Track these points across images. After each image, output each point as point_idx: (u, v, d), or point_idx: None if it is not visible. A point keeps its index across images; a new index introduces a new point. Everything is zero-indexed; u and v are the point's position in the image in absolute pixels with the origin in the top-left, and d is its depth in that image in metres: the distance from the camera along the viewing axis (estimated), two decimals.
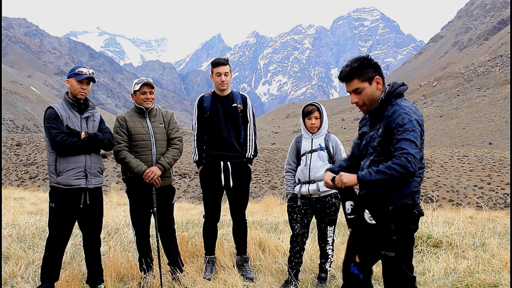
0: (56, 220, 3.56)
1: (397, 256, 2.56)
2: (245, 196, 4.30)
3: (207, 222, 4.32)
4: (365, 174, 2.49)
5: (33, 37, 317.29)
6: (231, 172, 4.15)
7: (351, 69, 2.62)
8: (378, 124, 2.65)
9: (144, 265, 3.98)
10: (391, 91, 2.62)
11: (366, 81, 2.61)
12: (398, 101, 2.60)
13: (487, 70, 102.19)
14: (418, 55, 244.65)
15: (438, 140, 61.41)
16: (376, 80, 2.62)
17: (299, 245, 4.06)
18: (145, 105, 3.94)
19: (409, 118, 2.48)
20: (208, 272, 4.18)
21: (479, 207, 18.43)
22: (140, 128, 3.92)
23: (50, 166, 3.58)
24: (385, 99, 2.61)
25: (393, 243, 2.55)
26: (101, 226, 3.85)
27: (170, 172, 4.08)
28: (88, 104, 3.70)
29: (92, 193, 3.63)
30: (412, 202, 2.60)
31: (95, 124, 3.72)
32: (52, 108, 3.61)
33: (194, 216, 7.22)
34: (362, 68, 2.60)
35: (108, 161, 30.89)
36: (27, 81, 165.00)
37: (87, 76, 3.62)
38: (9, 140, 39.61)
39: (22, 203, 9.04)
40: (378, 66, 2.65)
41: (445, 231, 5.44)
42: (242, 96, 4.32)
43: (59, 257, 3.63)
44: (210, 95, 4.28)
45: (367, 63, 2.61)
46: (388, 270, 2.61)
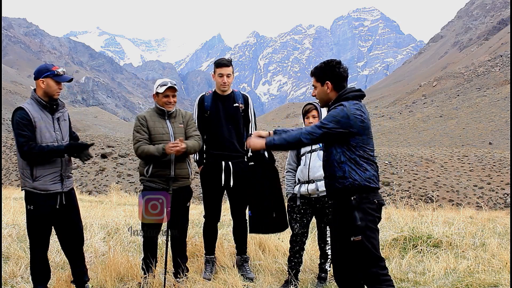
0: (35, 222, 3.49)
1: (364, 239, 2.87)
2: (245, 196, 4.29)
3: (207, 222, 4.31)
4: (270, 139, 2.97)
5: (33, 37, 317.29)
6: (232, 172, 4.15)
7: (315, 68, 3.13)
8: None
9: (144, 265, 3.96)
10: (341, 94, 3.02)
11: (319, 82, 3.10)
12: (345, 103, 2.96)
13: (487, 70, 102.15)
14: (418, 55, 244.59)
15: (438, 140, 61.40)
16: (327, 85, 3.06)
17: (299, 245, 4.06)
18: (167, 108, 3.90)
19: (332, 114, 2.92)
20: (208, 272, 4.18)
21: (479, 207, 18.42)
22: (160, 128, 3.87)
23: (24, 170, 3.44)
24: (335, 101, 3.03)
25: (359, 228, 2.86)
26: (80, 224, 3.74)
27: (188, 172, 3.97)
28: (58, 104, 3.58)
29: (67, 194, 3.59)
30: (366, 186, 2.91)
31: (66, 124, 3.64)
32: (24, 110, 3.39)
33: (194, 216, 7.21)
34: (320, 71, 3.09)
35: (108, 161, 30.91)
36: (27, 81, 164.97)
37: (70, 78, 3.55)
38: (9, 140, 39.59)
39: (22, 203, 8.98)
40: (336, 74, 3.04)
41: (445, 231, 5.44)
42: (243, 96, 4.32)
43: (43, 258, 3.57)
44: (210, 95, 4.27)
45: (325, 68, 3.07)
46: (357, 253, 2.90)
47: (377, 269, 2.90)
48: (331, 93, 3.06)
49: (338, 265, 3.07)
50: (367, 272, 2.91)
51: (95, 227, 5.66)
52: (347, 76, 3.08)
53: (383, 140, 65.22)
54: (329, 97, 3.08)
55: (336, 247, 3.06)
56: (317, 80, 3.11)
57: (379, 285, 2.89)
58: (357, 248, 2.89)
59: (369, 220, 2.89)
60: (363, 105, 3.02)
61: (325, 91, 3.08)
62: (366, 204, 2.89)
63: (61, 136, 3.55)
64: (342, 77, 3.05)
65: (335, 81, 3.05)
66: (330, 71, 3.05)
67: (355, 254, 2.92)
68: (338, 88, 3.05)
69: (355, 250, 2.91)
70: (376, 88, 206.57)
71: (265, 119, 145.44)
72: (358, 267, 2.96)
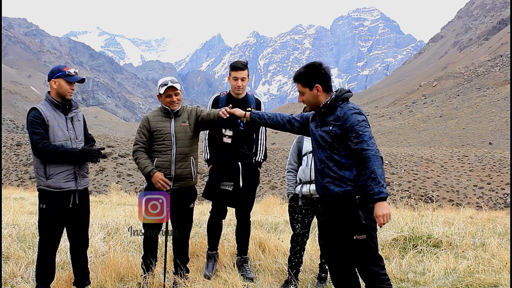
0: (47, 221, 3.53)
1: (368, 238, 2.89)
2: (251, 197, 4.32)
3: (213, 217, 4.32)
4: (380, 192, 2.82)
5: (33, 37, 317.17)
6: (242, 172, 4.16)
7: (298, 74, 3.06)
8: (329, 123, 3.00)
9: (144, 264, 3.96)
10: (338, 96, 2.98)
11: (307, 86, 3.03)
12: (345, 104, 2.97)
13: (487, 70, 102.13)
14: (418, 55, 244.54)
15: (438, 140, 61.41)
16: (316, 88, 3.01)
17: (300, 245, 4.06)
18: (172, 107, 3.88)
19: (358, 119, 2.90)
20: (209, 270, 4.18)
21: (479, 207, 18.43)
22: (163, 128, 3.87)
23: (38, 169, 3.51)
24: (332, 102, 2.98)
25: (363, 227, 2.86)
26: (88, 227, 3.82)
27: (191, 172, 3.91)
28: (72, 104, 3.63)
29: (81, 194, 3.63)
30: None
31: (80, 124, 3.69)
32: (37, 110, 3.49)
33: (195, 216, 7.20)
34: (306, 75, 3.02)
35: (108, 161, 30.91)
36: (27, 81, 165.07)
37: (81, 78, 3.59)
38: (9, 140, 39.56)
39: (22, 203, 9.03)
40: (323, 75, 3.01)
41: (445, 231, 5.45)
42: (256, 100, 4.34)
43: (52, 258, 3.61)
44: (225, 96, 4.28)
45: (311, 72, 3.01)
46: (360, 252, 2.91)
47: (378, 268, 2.92)
48: (321, 95, 3.02)
49: (337, 265, 3.08)
50: (368, 271, 2.92)
51: (95, 227, 5.66)
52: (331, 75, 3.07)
53: (383, 140, 65.21)
54: (319, 100, 3.03)
55: (335, 247, 3.05)
56: (304, 85, 3.03)
57: (379, 284, 2.90)
58: (360, 247, 2.90)
59: (372, 219, 2.89)
60: None
61: (315, 95, 3.02)
62: (370, 203, 2.88)
63: (74, 135, 3.60)
64: (329, 77, 3.03)
65: (324, 82, 3.01)
66: (318, 74, 3.00)
67: (357, 253, 2.92)
68: (327, 89, 3.02)
69: (357, 249, 2.91)
70: (376, 88, 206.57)
71: None
72: (359, 266, 2.97)
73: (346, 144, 2.92)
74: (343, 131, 2.93)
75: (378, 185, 2.78)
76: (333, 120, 2.98)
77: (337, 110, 2.97)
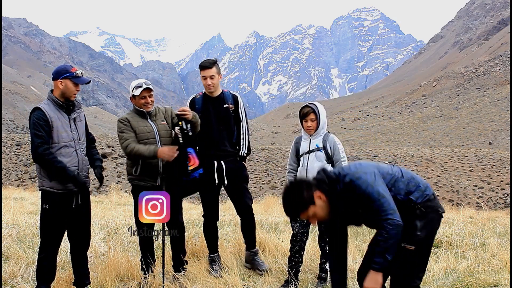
0: (50, 221, 3.52)
1: (416, 251, 2.68)
2: (244, 192, 4.30)
3: (206, 221, 4.33)
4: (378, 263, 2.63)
5: (33, 37, 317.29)
6: (225, 170, 4.17)
7: (294, 211, 2.68)
8: (350, 205, 2.73)
9: (144, 265, 3.97)
10: (331, 186, 2.70)
11: (310, 205, 2.64)
12: (344, 178, 2.69)
13: (487, 70, 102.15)
14: (418, 55, 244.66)
15: (438, 140, 61.42)
16: (317, 196, 2.66)
17: (299, 245, 4.06)
18: (146, 109, 3.91)
19: (369, 183, 2.63)
20: (216, 271, 4.18)
21: (479, 207, 18.42)
22: (144, 127, 3.89)
23: (41, 169, 3.47)
24: (338, 196, 2.68)
25: (416, 238, 2.68)
26: (90, 227, 3.81)
27: None
28: (75, 104, 3.61)
29: (83, 194, 3.63)
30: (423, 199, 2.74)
31: (82, 124, 3.68)
32: (41, 110, 3.42)
33: (194, 216, 7.20)
34: (300, 204, 2.64)
35: (108, 161, 30.90)
36: (27, 81, 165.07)
37: (88, 80, 3.60)
38: (9, 140, 39.55)
39: (22, 203, 9.03)
40: (309, 184, 2.68)
41: (445, 231, 5.45)
42: (233, 96, 4.31)
43: (53, 258, 3.60)
44: (201, 97, 4.28)
45: (299, 196, 2.63)
46: (402, 262, 2.70)
47: (418, 283, 2.78)
48: (326, 201, 2.69)
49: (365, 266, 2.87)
50: (399, 284, 2.76)
51: (95, 227, 5.66)
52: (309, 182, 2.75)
53: (383, 140, 65.25)
54: (328, 207, 2.71)
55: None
56: (308, 207, 2.64)
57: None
58: (404, 256, 2.71)
59: (429, 233, 2.74)
60: None
61: (322, 206, 2.68)
62: (431, 213, 2.73)
63: (77, 136, 3.59)
64: (324, 180, 2.73)
65: (323, 188, 2.70)
66: (306, 189, 2.65)
67: (398, 261, 2.71)
68: (323, 189, 2.70)
69: (400, 257, 2.71)
70: (376, 88, 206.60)
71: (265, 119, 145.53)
72: (393, 275, 2.78)
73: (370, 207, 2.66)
74: (360, 201, 2.68)
75: (380, 255, 2.63)
76: (350, 199, 2.71)
77: (344, 191, 2.70)
